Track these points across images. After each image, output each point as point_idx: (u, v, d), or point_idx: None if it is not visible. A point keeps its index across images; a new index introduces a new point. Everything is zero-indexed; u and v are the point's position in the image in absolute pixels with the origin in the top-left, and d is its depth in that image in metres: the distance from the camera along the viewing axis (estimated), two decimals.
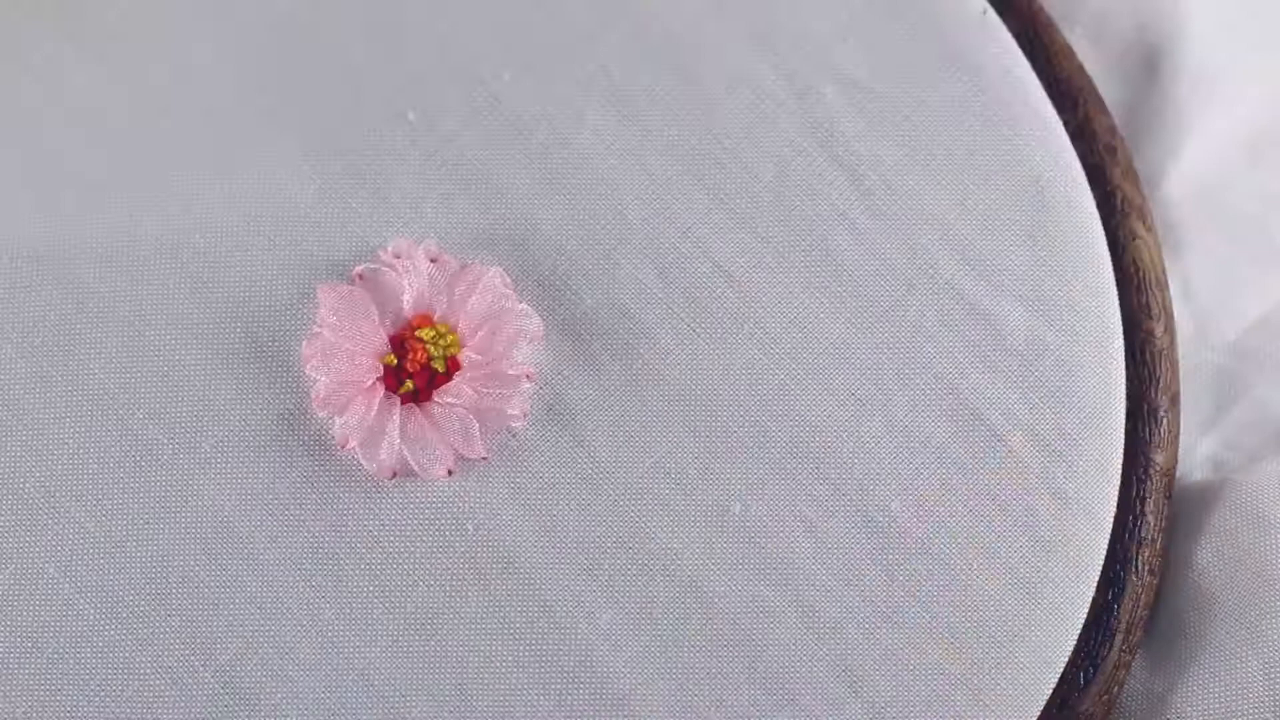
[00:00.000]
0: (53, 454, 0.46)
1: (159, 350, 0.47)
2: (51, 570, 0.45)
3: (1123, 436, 0.47)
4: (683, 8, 0.50)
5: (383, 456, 0.45)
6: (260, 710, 0.45)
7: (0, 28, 0.50)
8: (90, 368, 0.47)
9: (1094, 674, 0.46)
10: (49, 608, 0.45)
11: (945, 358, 0.47)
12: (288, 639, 0.45)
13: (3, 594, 0.45)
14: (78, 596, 0.45)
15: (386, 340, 0.46)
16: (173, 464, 0.46)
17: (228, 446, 0.46)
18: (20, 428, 0.46)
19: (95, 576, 0.45)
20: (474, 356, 0.46)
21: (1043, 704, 0.46)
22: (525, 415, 0.46)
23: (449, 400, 0.45)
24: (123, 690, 0.45)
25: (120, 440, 0.46)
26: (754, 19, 0.50)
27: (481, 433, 0.45)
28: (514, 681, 0.45)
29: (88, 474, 0.46)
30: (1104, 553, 0.47)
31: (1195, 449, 0.53)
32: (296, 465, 0.46)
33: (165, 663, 0.45)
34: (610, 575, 0.46)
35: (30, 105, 0.49)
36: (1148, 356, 0.48)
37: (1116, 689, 0.47)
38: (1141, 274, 0.49)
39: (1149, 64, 0.54)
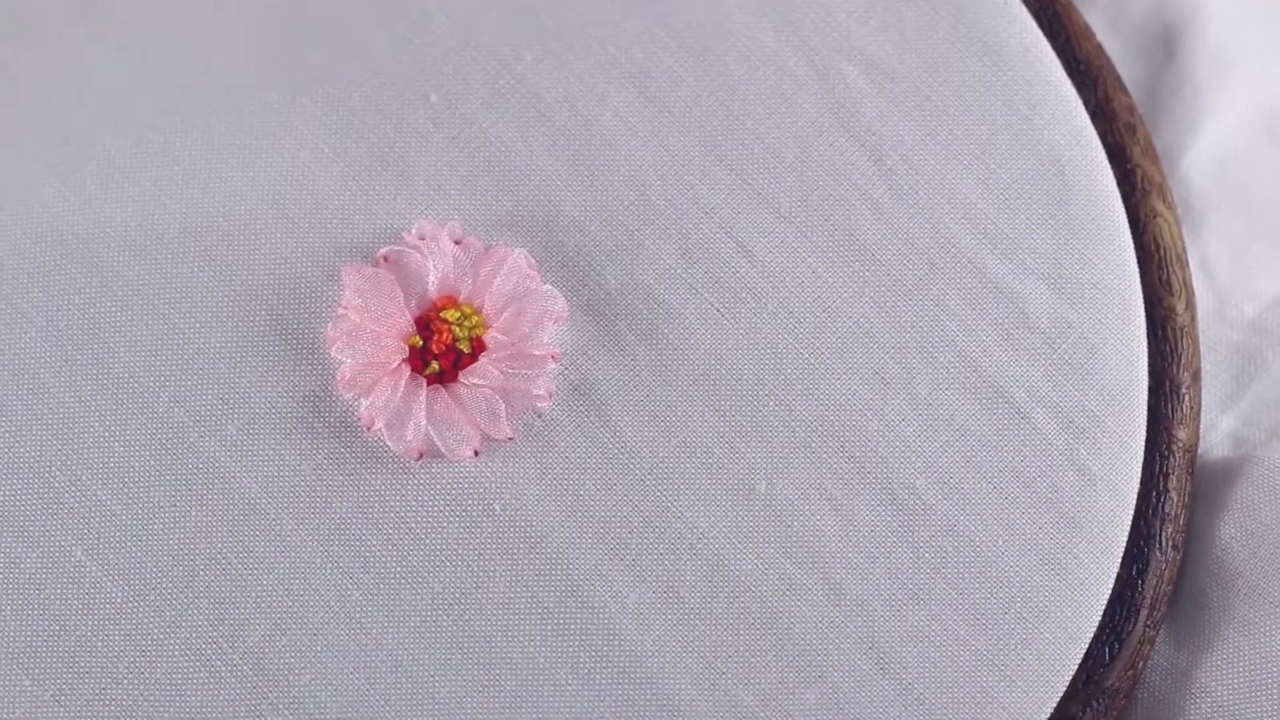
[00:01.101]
0: (79, 438, 0.46)
1: (184, 333, 0.47)
2: (79, 554, 0.45)
3: (1145, 413, 0.48)
4: None
5: (409, 438, 0.45)
6: (289, 691, 0.45)
7: (22, 17, 0.50)
8: (115, 351, 0.47)
9: (1119, 649, 0.46)
10: (77, 591, 0.45)
11: (969, 336, 0.47)
12: (316, 620, 0.45)
13: (31, 577, 0.45)
14: (105, 579, 0.45)
15: (412, 322, 0.46)
16: (199, 447, 0.46)
17: (253, 429, 0.46)
18: (46, 412, 0.46)
19: (123, 559, 0.45)
20: (499, 337, 0.46)
21: (1068, 679, 0.46)
22: (551, 396, 0.46)
23: (475, 381, 0.45)
24: (151, 672, 0.45)
25: (146, 424, 0.46)
26: (775, 1, 0.50)
27: (507, 413, 0.45)
28: (542, 661, 0.45)
29: (114, 458, 0.46)
30: (1128, 529, 0.47)
31: (1216, 426, 0.53)
32: (323, 447, 0.46)
33: (194, 644, 0.45)
34: (637, 554, 0.46)
35: (53, 92, 0.49)
36: (1169, 333, 0.49)
37: (1141, 664, 0.47)
38: (1162, 251, 0.49)
39: (1167, 44, 0.55)
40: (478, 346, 0.46)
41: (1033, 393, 0.47)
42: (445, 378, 0.46)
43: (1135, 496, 0.47)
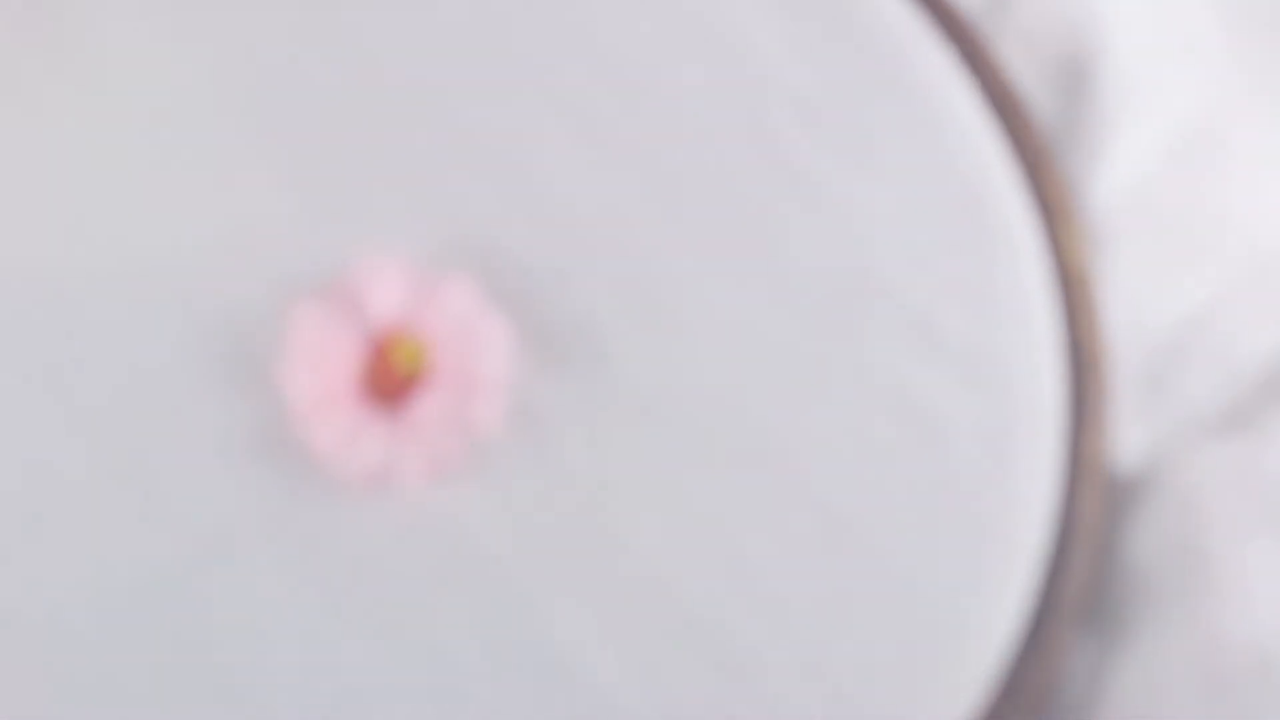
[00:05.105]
0: (44, 469, 0.48)
1: (146, 367, 0.48)
2: (45, 581, 0.47)
3: (1059, 430, 0.50)
4: (636, 32, 0.52)
5: (360, 465, 0.47)
6: (248, 712, 0.46)
7: None
8: (80, 384, 0.48)
9: (1039, 656, 0.48)
10: (43, 618, 0.47)
11: (889, 358, 0.49)
12: (277, 642, 0.47)
13: None
14: (71, 606, 0.47)
15: (362, 352, 0.48)
16: (160, 477, 0.48)
17: (213, 459, 0.48)
18: (12, 444, 0.48)
19: (88, 587, 0.47)
20: (446, 366, 0.47)
21: (991, 685, 0.48)
22: (496, 422, 0.47)
23: (423, 409, 0.47)
24: (115, 696, 0.46)
25: (109, 455, 0.48)
26: (703, 40, 0.52)
27: (455, 440, 0.47)
28: (495, 680, 0.47)
29: (79, 488, 0.47)
30: (1045, 541, 0.49)
31: (1127, 441, 0.55)
32: (278, 475, 0.48)
33: (158, 668, 0.46)
34: (583, 575, 0.47)
35: (15, 130, 0.51)
36: (1080, 353, 0.51)
37: (1060, 669, 0.49)
38: (1072, 275, 0.51)
39: (1076, 76, 0.56)
40: (425, 376, 0.48)
41: (949, 411, 0.49)
42: (394, 406, 0.48)
43: (1051, 511, 0.49)
